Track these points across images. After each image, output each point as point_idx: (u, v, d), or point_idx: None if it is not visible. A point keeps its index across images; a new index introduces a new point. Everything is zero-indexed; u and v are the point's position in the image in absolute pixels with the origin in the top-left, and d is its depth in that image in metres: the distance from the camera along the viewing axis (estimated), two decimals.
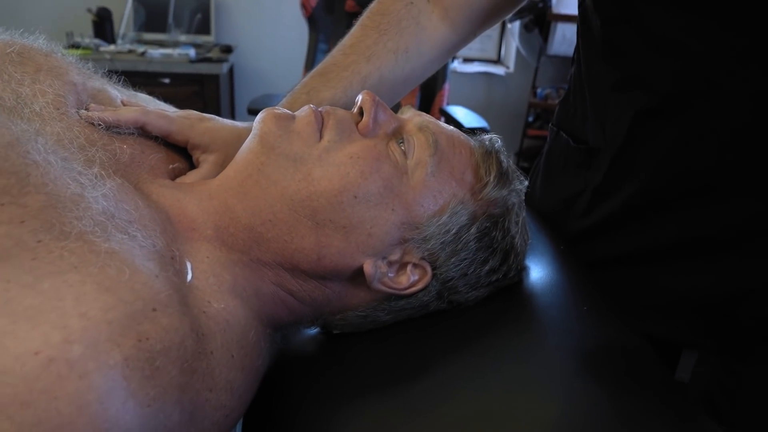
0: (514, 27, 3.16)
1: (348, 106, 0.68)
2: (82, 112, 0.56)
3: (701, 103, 0.57)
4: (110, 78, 0.67)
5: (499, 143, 0.61)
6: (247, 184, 0.54)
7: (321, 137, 0.55)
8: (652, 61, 0.60)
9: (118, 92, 0.64)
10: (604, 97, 0.68)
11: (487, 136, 0.61)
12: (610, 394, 0.49)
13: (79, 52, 2.72)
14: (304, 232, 0.53)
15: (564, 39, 2.93)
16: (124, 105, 0.62)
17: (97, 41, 2.84)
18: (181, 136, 0.61)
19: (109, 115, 0.56)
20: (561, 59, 3.21)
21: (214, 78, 2.80)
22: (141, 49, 2.79)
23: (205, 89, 2.81)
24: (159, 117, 0.59)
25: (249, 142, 0.56)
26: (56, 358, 0.35)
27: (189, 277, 0.50)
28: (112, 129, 0.57)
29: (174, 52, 2.78)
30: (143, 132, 0.59)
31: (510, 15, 0.83)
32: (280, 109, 0.57)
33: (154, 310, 0.41)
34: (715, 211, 0.60)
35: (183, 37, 3.00)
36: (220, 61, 2.81)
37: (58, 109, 0.54)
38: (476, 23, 0.78)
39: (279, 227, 0.53)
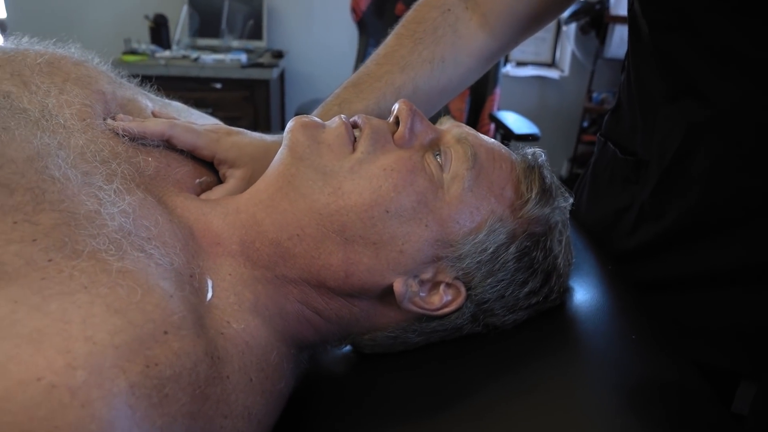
0: (570, 29, 3.08)
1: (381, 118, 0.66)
2: (109, 121, 0.55)
3: (764, 117, 0.52)
4: (144, 86, 0.67)
5: (542, 158, 0.57)
6: (276, 197, 0.52)
7: (354, 149, 0.53)
8: (706, 72, 0.56)
9: (150, 102, 0.63)
10: (654, 108, 0.63)
11: (530, 149, 0.58)
12: None
13: (136, 58, 2.79)
14: (332, 248, 0.51)
15: (622, 42, 2.83)
16: (155, 116, 0.61)
17: (153, 47, 2.90)
18: (208, 151, 0.59)
19: (135, 127, 0.55)
20: (618, 62, 3.09)
21: (265, 83, 2.83)
22: (194, 54, 2.84)
23: (256, 94, 2.83)
24: (186, 131, 0.58)
25: (280, 153, 0.55)
26: (58, 384, 0.34)
27: (209, 295, 0.48)
28: (138, 141, 0.56)
29: (226, 57, 2.82)
30: (169, 145, 0.58)
31: (552, 22, 0.80)
32: (308, 118, 0.55)
33: (166, 333, 0.40)
34: None
35: (235, 43, 3.04)
36: (270, 66, 2.83)
37: (84, 120, 0.53)
38: (517, 30, 0.74)
39: (306, 242, 0.51)
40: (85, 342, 0.36)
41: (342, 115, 0.56)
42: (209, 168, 0.61)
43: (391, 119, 0.56)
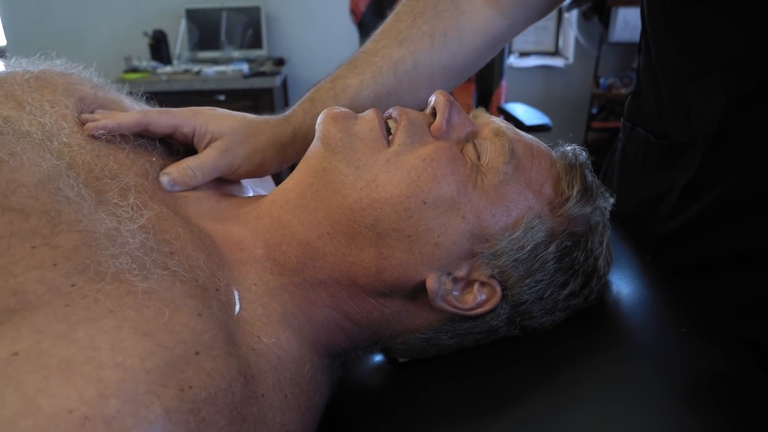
0: (572, 16, 3.05)
1: (378, 93, 0.65)
2: (83, 115, 0.54)
3: None
4: (147, 102, 0.67)
5: (583, 156, 0.55)
6: (307, 195, 0.51)
7: (389, 143, 0.51)
8: (742, 41, 0.53)
9: (137, 106, 0.63)
10: (683, 87, 0.61)
11: (570, 147, 0.56)
12: None
13: (138, 75, 2.79)
14: (364, 244, 0.49)
15: (626, 25, 2.80)
16: None
17: (154, 63, 2.91)
18: (187, 128, 0.57)
19: (108, 122, 0.54)
20: (624, 46, 3.08)
21: (268, 91, 2.82)
22: (196, 68, 2.84)
23: (260, 103, 2.83)
24: (161, 114, 0.57)
25: (312, 146, 0.53)
26: (92, 416, 0.32)
27: (237, 308, 0.47)
28: (136, 142, 0.55)
29: (228, 68, 2.81)
30: (147, 133, 0.57)
31: (565, 3, 0.78)
32: (338, 109, 0.53)
33: (197, 353, 0.38)
34: None
35: (236, 53, 3.04)
36: (273, 74, 2.83)
37: (84, 134, 0.53)
38: (528, 8, 0.71)
39: (337, 240, 0.50)
40: (115, 369, 0.34)
41: (375, 109, 0.54)
42: None
43: (428, 110, 0.55)
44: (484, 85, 2.45)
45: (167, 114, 0.57)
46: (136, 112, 0.57)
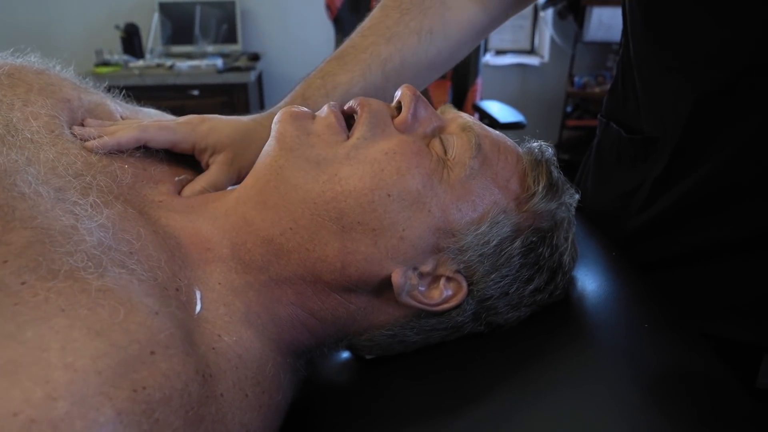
0: (547, 15, 3.07)
1: (366, 91, 0.66)
2: (77, 129, 0.54)
3: None
4: (118, 96, 0.65)
5: (549, 152, 0.55)
6: (266, 191, 0.50)
7: (349, 135, 0.51)
8: (717, 35, 0.53)
9: (119, 107, 0.62)
10: (657, 81, 0.61)
11: (536, 143, 0.56)
12: (681, 429, 0.42)
13: (109, 69, 2.74)
14: (328, 238, 0.49)
15: (601, 24, 2.83)
16: (123, 119, 0.59)
17: (126, 57, 2.86)
18: (187, 144, 0.58)
19: (108, 142, 0.54)
20: (598, 46, 3.12)
21: (243, 87, 2.79)
22: (169, 62, 2.80)
23: (235, 99, 2.80)
24: (160, 129, 0.57)
25: (267, 146, 0.52)
26: (38, 418, 0.31)
27: (198, 308, 0.46)
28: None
29: (202, 63, 2.79)
30: (146, 148, 0.56)
31: (541, 1, 0.79)
32: (297, 108, 0.53)
33: (153, 353, 0.37)
34: None
35: (210, 48, 3.01)
36: (248, 69, 2.81)
37: (53, 131, 0.51)
38: (509, 3, 0.73)
39: (300, 235, 0.49)
40: (65, 370, 0.33)
41: (331, 103, 0.53)
42: (186, 165, 0.60)
43: (394, 104, 0.54)
44: (460, 82, 2.45)
45: (166, 130, 0.57)
46: (134, 128, 0.56)
